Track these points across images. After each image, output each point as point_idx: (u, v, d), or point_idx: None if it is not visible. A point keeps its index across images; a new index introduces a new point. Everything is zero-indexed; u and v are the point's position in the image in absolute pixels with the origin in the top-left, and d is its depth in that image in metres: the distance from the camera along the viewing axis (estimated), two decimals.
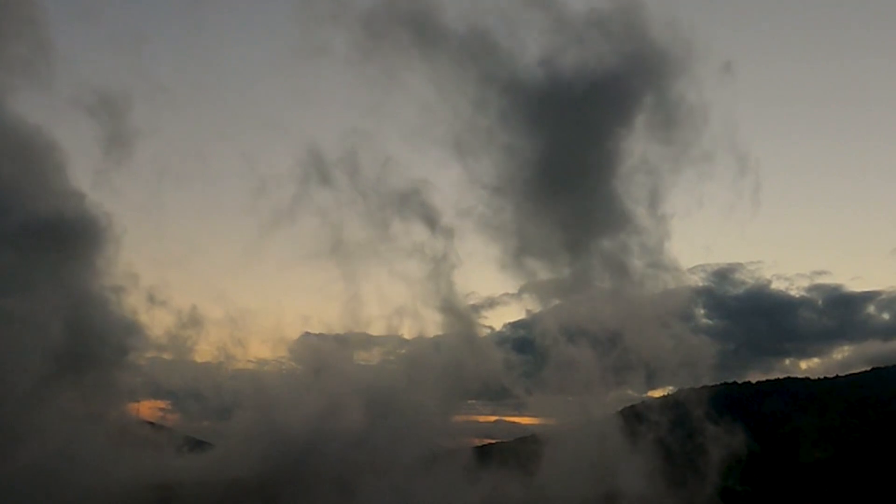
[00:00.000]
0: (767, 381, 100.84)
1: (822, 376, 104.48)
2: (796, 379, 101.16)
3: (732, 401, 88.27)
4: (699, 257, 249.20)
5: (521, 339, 65.01)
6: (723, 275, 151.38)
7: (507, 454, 56.97)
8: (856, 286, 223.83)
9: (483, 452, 60.33)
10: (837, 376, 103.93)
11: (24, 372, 41.62)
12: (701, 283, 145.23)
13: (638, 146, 59.61)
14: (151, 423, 61.29)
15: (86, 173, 61.04)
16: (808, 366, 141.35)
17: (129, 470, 45.83)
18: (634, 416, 61.02)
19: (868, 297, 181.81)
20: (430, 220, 59.47)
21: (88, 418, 47.37)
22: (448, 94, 59.52)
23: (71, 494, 39.35)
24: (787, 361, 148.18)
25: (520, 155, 58.93)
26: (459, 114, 59.77)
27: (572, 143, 58.94)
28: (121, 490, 41.99)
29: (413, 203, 59.44)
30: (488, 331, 60.41)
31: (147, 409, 63.42)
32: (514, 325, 75.50)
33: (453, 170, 62.31)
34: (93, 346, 47.22)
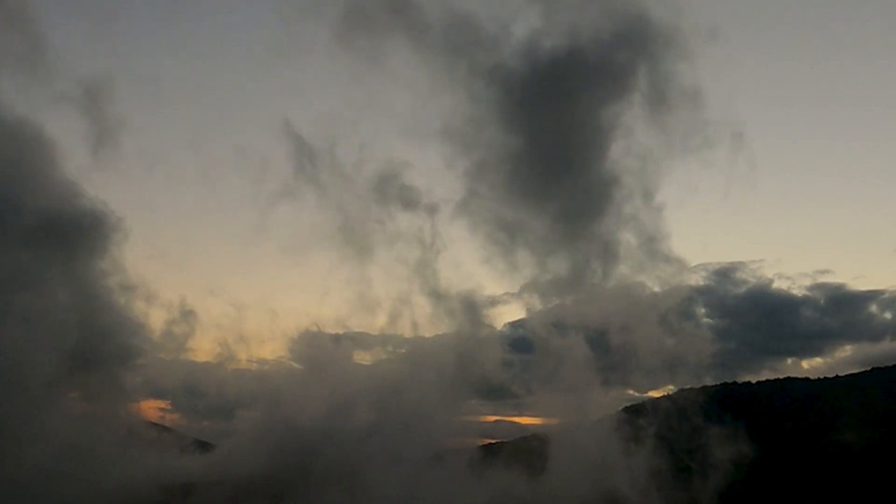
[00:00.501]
0: (767, 381, 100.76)
1: (822, 376, 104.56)
2: (797, 379, 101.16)
3: (733, 401, 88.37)
4: (700, 256, 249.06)
5: (522, 339, 65.00)
6: (724, 274, 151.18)
7: (508, 454, 56.97)
8: (859, 285, 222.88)
9: (484, 452, 60.30)
10: (837, 376, 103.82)
11: (30, 372, 41.33)
12: (702, 282, 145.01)
13: (632, 131, 59.00)
14: (154, 424, 61.32)
15: (75, 168, 60.43)
16: (810, 365, 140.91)
17: (135, 470, 45.72)
18: (635, 415, 61.15)
19: (871, 296, 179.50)
20: (428, 216, 59.46)
21: (95, 418, 47.08)
22: (438, 82, 59.00)
23: (79, 494, 39.28)
24: (789, 361, 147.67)
25: (512, 147, 58.11)
26: (450, 103, 59.32)
27: (564, 128, 57.96)
28: (127, 490, 41.93)
29: (408, 198, 59.43)
30: (489, 330, 60.58)
31: (149, 409, 63.52)
32: (514, 325, 75.42)
33: (447, 163, 62.00)
34: (96, 345, 46.89)
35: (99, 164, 55.35)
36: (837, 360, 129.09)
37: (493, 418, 79.06)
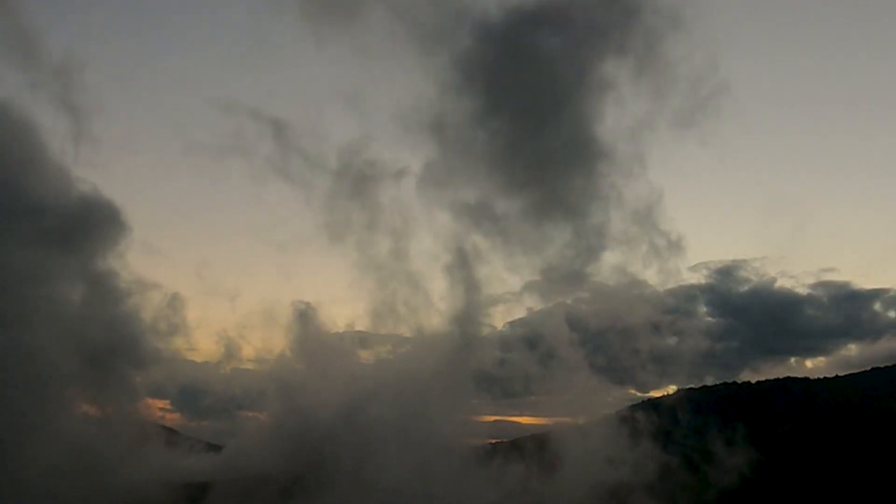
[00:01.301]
0: (767, 380, 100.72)
1: (822, 376, 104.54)
2: (796, 379, 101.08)
3: (734, 400, 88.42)
4: (702, 254, 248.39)
5: (523, 338, 64.91)
6: (726, 272, 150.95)
7: (510, 453, 56.90)
8: (863, 283, 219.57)
9: (488, 451, 60.24)
10: (837, 376, 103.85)
11: (38, 369, 40.65)
12: (703, 281, 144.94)
13: (623, 101, 58.01)
14: (155, 423, 60.93)
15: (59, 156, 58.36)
16: (813, 364, 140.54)
17: (145, 469, 45.35)
18: (637, 414, 61.21)
19: (875, 294, 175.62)
20: (424, 213, 58.84)
21: (103, 418, 46.41)
22: (422, 73, 58.11)
23: (89, 494, 39.00)
24: (793, 360, 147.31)
25: (496, 134, 55.83)
26: (428, 83, 57.68)
27: (549, 103, 55.50)
28: (137, 490, 41.68)
29: (402, 192, 58.83)
30: (489, 329, 60.38)
31: (150, 408, 63.16)
32: (514, 324, 75.33)
33: (439, 154, 60.16)
34: (101, 342, 45.93)
35: (81, 151, 54.24)
36: (841, 359, 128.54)
37: (492, 418, 79.01)
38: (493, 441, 76.01)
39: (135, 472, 43.93)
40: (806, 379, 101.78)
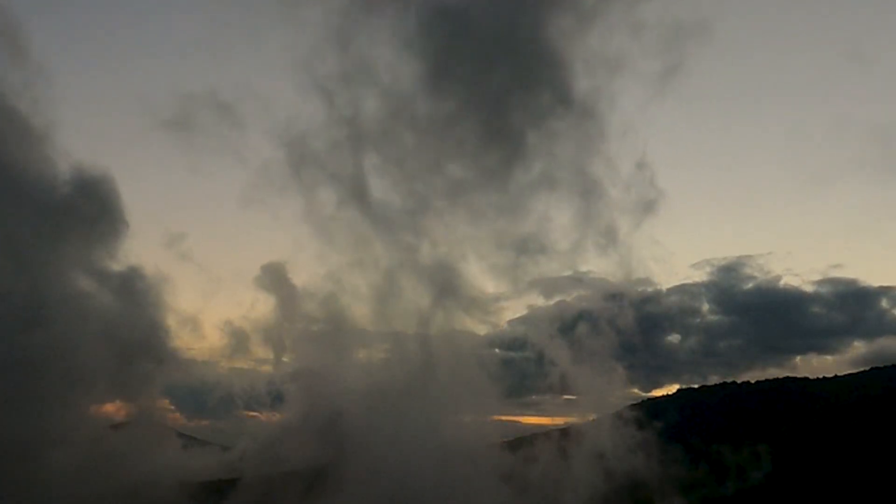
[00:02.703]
0: (767, 380, 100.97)
1: (822, 375, 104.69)
2: (796, 378, 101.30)
3: (735, 400, 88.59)
4: (706, 251, 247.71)
5: (523, 337, 64.94)
6: (731, 269, 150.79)
7: (510, 453, 56.93)
8: (871, 280, 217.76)
9: (489, 450, 60.12)
10: (836, 376, 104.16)
11: (53, 371, 40.01)
12: (707, 278, 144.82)
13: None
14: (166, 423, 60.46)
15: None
16: (818, 363, 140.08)
17: (158, 468, 45.14)
18: (639, 414, 61.24)
19: (883, 292, 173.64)
20: (420, 211, 57.78)
21: (125, 418, 45.89)
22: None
23: (109, 494, 38.81)
24: (798, 359, 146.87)
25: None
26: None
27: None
28: (150, 489, 41.57)
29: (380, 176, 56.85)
30: (490, 328, 60.04)
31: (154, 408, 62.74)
32: (514, 323, 75.37)
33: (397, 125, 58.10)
34: (118, 341, 44.94)
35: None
36: (847, 357, 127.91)
37: (493, 418, 78.77)
38: (494, 441, 75.86)
39: (154, 471, 43.73)
40: (805, 379, 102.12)
